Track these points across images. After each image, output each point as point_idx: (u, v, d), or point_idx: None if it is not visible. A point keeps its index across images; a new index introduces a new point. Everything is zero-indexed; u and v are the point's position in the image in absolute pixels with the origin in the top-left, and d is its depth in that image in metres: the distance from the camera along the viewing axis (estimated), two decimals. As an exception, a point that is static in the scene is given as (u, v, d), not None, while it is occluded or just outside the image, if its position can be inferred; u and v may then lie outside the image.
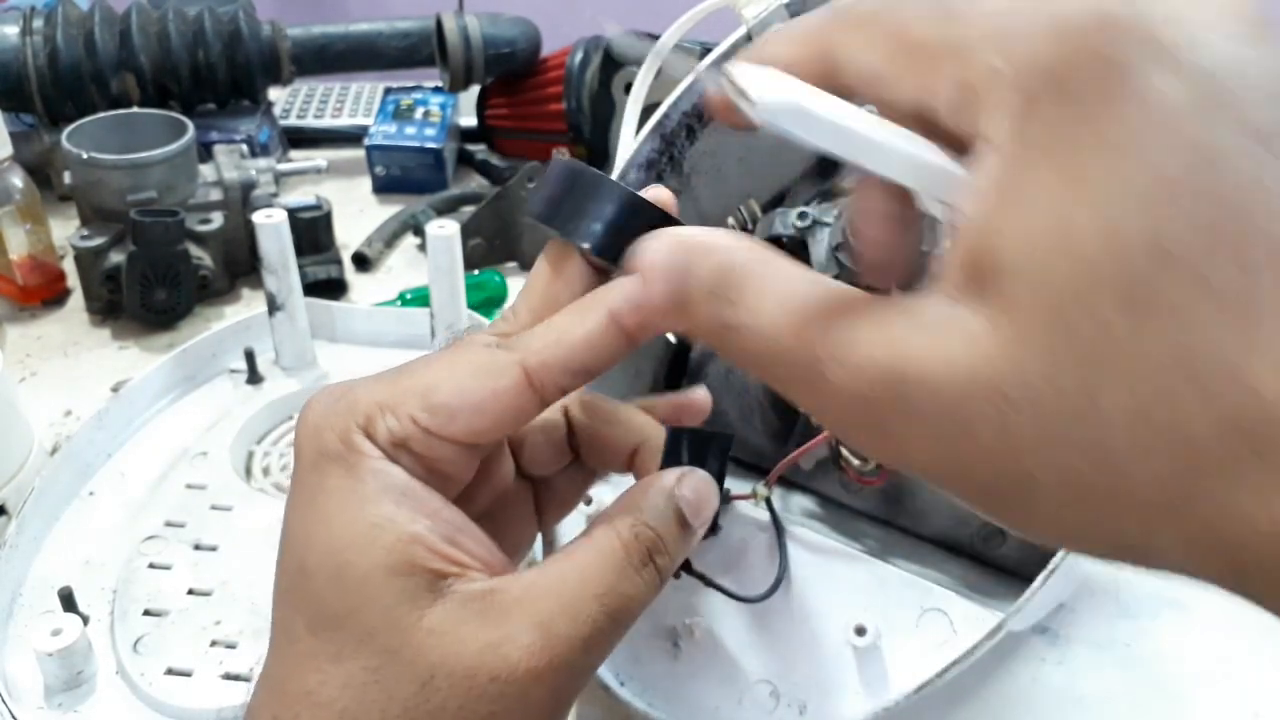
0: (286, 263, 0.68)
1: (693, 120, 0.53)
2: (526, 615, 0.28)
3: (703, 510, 0.31)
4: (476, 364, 0.30)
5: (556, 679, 0.28)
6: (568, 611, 0.29)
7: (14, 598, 0.55)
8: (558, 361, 0.29)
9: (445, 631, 0.28)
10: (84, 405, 0.72)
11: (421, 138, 1.01)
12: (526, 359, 0.29)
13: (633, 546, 0.30)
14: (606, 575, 0.29)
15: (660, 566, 0.30)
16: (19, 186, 0.80)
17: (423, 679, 0.28)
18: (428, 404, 0.29)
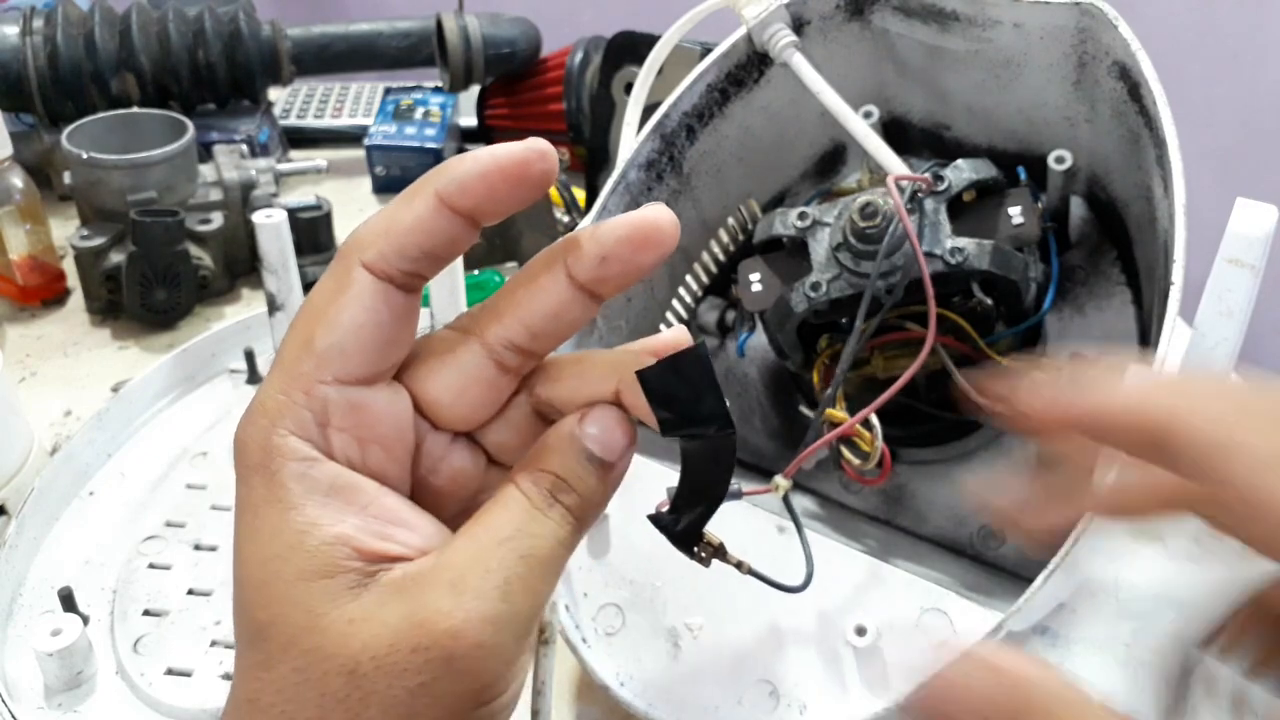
0: (286, 263, 0.68)
1: (693, 120, 0.53)
2: (439, 579, 0.28)
3: (611, 440, 0.30)
4: (326, 290, 0.29)
5: (476, 633, 0.28)
6: (476, 564, 0.28)
7: (14, 598, 0.55)
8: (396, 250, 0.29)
9: (366, 618, 0.28)
10: (84, 405, 0.72)
11: (421, 138, 1.01)
12: (364, 256, 0.29)
13: (532, 490, 0.30)
14: (509, 519, 0.29)
15: (569, 505, 0.30)
16: (19, 186, 0.80)
17: (349, 669, 0.27)
18: (315, 357, 0.29)
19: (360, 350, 0.29)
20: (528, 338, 0.30)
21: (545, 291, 0.30)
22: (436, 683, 0.28)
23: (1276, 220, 0.39)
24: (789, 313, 0.49)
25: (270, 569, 0.28)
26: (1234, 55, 1.47)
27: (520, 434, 0.33)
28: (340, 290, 0.29)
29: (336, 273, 0.29)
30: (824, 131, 0.57)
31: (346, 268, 0.29)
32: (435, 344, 0.31)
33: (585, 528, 0.30)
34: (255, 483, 0.29)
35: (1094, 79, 0.49)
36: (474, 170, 0.29)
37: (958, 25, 0.51)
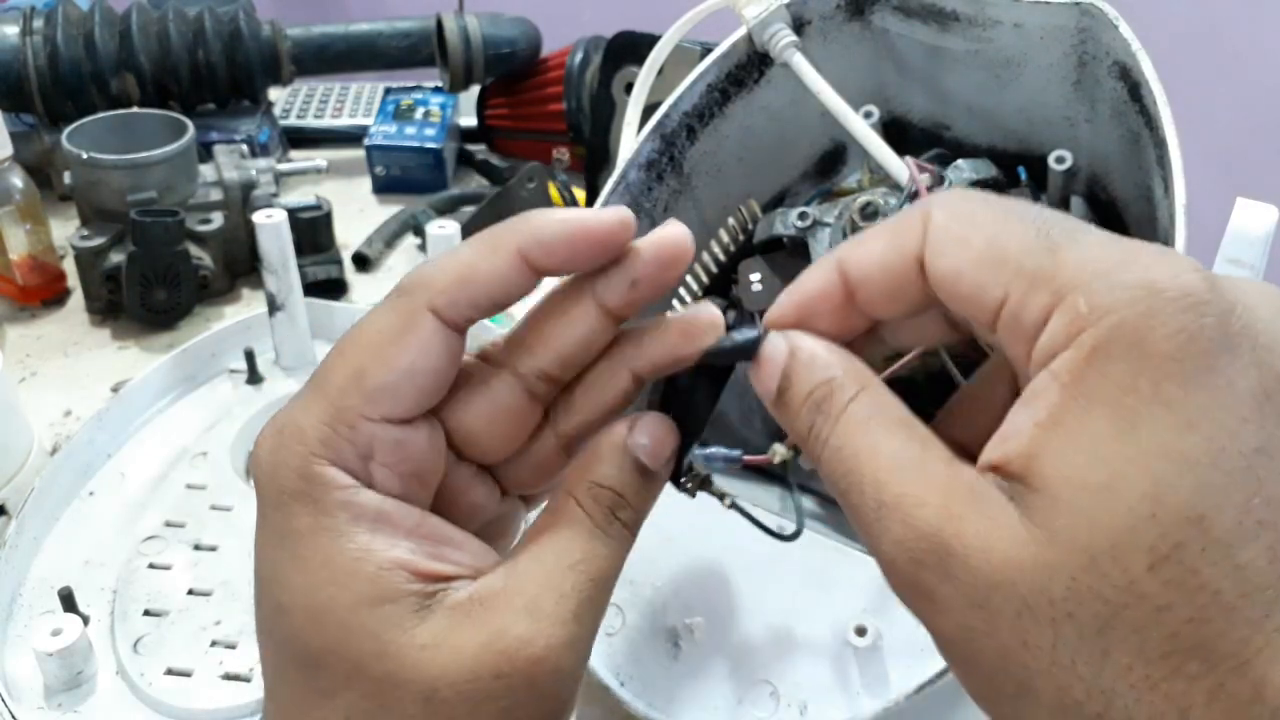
0: (286, 263, 0.68)
1: (693, 120, 0.53)
2: (512, 604, 0.28)
3: (661, 451, 0.31)
4: (386, 328, 0.29)
5: (557, 658, 0.28)
6: (550, 589, 0.28)
7: (14, 598, 0.55)
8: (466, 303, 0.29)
9: (439, 644, 0.27)
10: (84, 405, 0.72)
11: (421, 138, 1.01)
12: (434, 301, 0.29)
13: (594, 509, 0.30)
14: (577, 543, 0.29)
15: (626, 521, 0.30)
16: (19, 186, 0.80)
17: (426, 695, 0.27)
18: (365, 393, 0.29)
19: (414, 393, 0.29)
20: (560, 367, 0.31)
21: (576, 322, 0.30)
22: (519, 707, 0.28)
23: (1276, 220, 0.39)
24: (789, 313, 0.49)
25: (324, 596, 0.28)
26: (1234, 55, 1.48)
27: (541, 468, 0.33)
28: (403, 331, 0.29)
29: (400, 310, 0.29)
30: (824, 131, 0.57)
31: (411, 309, 0.29)
32: (469, 377, 0.31)
33: (636, 538, 0.31)
34: (296, 510, 0.28)
35: (1094, 79, 0.49)
36: (561, 234, 0.29)
37: (958, 25, 0.51)
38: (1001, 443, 0.23)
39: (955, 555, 0.22)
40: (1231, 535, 0.20)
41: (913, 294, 0.26)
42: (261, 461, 0.29)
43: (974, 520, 0.22)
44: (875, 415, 0.25)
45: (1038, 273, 0.23)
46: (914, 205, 0.26)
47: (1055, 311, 0.22)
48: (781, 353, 0.27)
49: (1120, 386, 0.21)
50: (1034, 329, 0.23)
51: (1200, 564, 0.20)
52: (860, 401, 0.25)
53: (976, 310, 0.24)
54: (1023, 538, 0.21)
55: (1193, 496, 0.20)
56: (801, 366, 0.27)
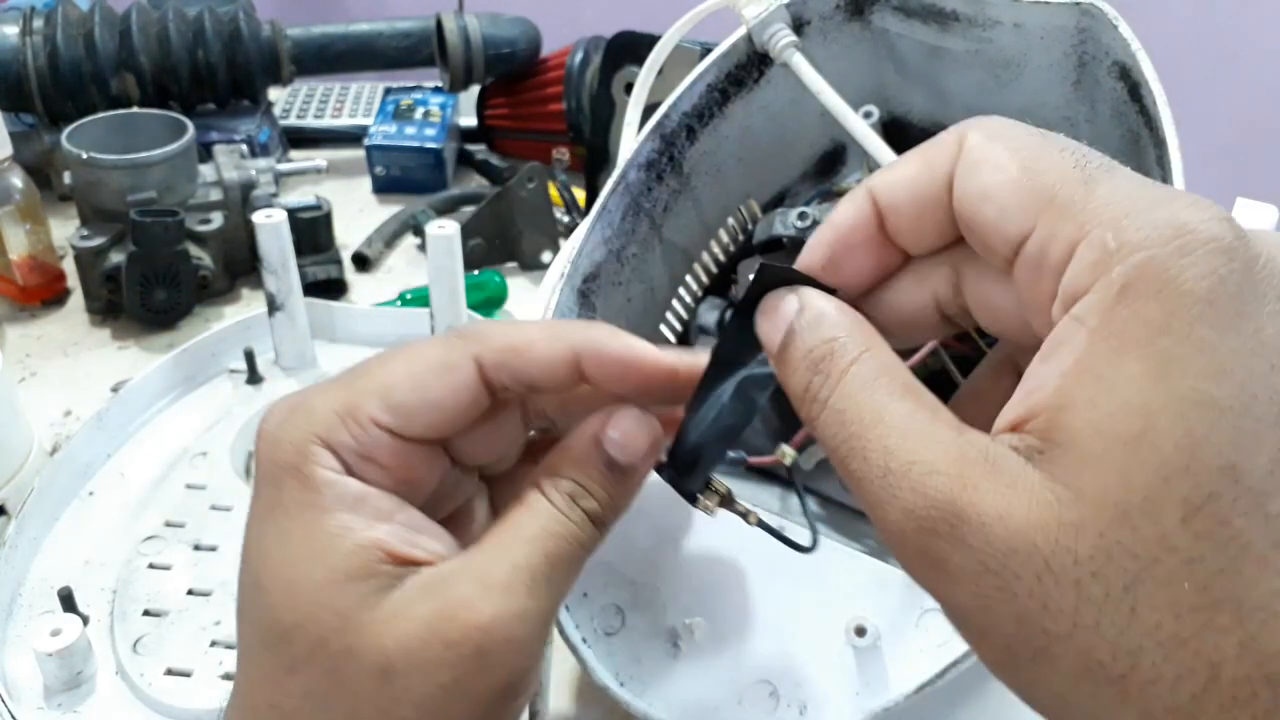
0: (286, 263, 0.68)
1: (693, 120, 0.53)
2: (465, 576, 0.29)
3: (634, 447, 0.31)
4: (432, 359, 0.30)
5: (506, 627, 0.28)
6: (501, 561, 0.29)
7: (14, 598, 0.55)
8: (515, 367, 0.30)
9: (396, 615, 0.28)
10: (84, 405, 0.72)
11: (421, 138, 1.01)
12: (483, 354, 0.30)
13: (554, 495, 0.30)
14: (534, 521, 0.30)
15: (589, 509, 0.30)
16: (19, 186, 0.80)
17: (381, 667, 0.28)
18: (387, 403, 0.29)
19: (430, 423, 0.30)
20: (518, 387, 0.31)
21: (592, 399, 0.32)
22: (468, 678, 0.28)
23: (1276, 220, 0.39)
24: (789, 313, 0.49)
25: (300, 570, 0.29)
26: (1234, 55, 1.48)
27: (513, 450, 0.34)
28: (444, 368, 0.30)
29: (449, 348, 0.30)
30: (824, 131, 0.57)
31: (459, 352, 0.30)
32: None
33: (606, 530, 0.31)
34: (288, 483, 0.29)
35: (1094, 79, 0.49)
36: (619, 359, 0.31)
37: (958, 25, 0.52)
38: (1024, 399, 0.22)
39: (970, 522, 0.21)
40: (1263, 485, 0.19)
41: (942, 221, 0.25)
42: (265, 435, 0.30)
43: (989, 486, 0.21)
44: (881, 378, 0.24)
45: (1069, 204, 0.22)
46: (951, 128, 0.25)
47: (1080, 246, 0.22)
48: (790, 306, 0.27)
49: (1152, 327, 0.20)
50: (1058, 264, 0.22)
51: (1232, 515, 0.19)
52: (864, 363, 0.25)
53: (997, 239, 0.24)
54: (1044, 499, 0.21)
55: (1226, 446, 0.19)
56: (806, 322, 0.26)
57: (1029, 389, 0.22)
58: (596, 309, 0.50)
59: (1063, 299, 0.22)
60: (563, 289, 0.48)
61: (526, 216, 0.87)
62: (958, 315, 0.28)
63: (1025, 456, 0.21)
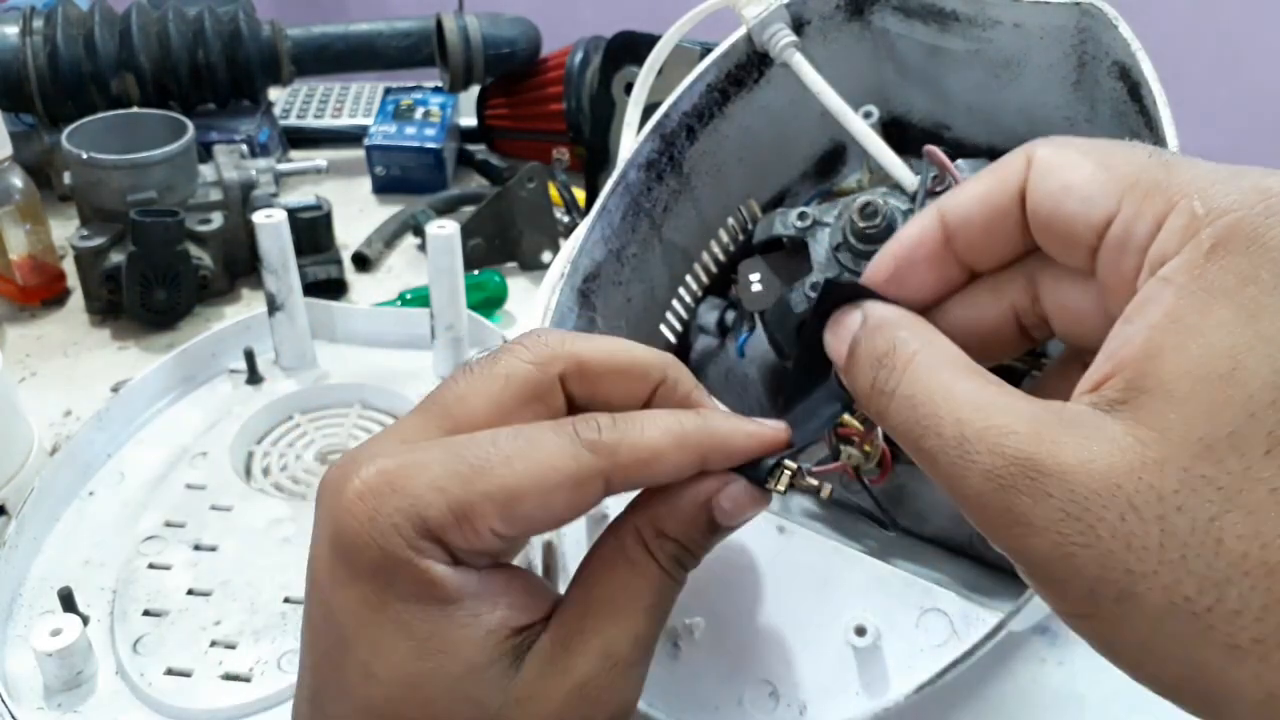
0: (286, 263, 0.68)
1: (693, 120, 0.53)
2: (590, 649, 0.29)
3: (739, 515, 0.32)
4: (562, 473, 0.28)
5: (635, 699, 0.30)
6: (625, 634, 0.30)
7: (14, 598, 0.55)
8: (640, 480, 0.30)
9: (531, 696, 0.29)
10: (84, 405, 0.72)
11: (421, 138, 1.01)
12: (613, 476, 0.29)
13: (663, 557, 0.31)
14: (649, 588, 0.31)
15: (687, 568, 0.32)
16: (19, 186, 0.80)
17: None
18: (508, 516, 0.28)
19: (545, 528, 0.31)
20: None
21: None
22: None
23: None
24: (789, 313, 0.49)
25: (430, 665, 0.28)
26: (1234, 55, 1.48)
27: None
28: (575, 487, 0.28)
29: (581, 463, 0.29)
30: (824, 131, 0.57)
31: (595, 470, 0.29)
32: None
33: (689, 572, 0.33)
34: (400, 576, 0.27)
35: (1094, 79, 0.49)
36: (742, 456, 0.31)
37: (958, 25, 0.51)
38: (1108, 358, 0.22)
39: (1051, 474, 0.21)
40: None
41: (1011, 233, 0.26)
42: (360, 513, 0.27)
43: (1069, 440, 0.22)
44: (946, 362, 0.25)
45: (1153, 184, 0.23)
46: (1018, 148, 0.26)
47: (1169, 217, 0.22)
48: (854, 319, 0.28)
49: (1241, 278, 0.21)
50: (1146, 239, 0.23)
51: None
52: (927, 352, 0.25)
53: (1082, 229, 0.24)
54: (1126, 444, 0.21)
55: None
56: (869, 329, 0.27)
57: (1111, 350, 0.22)
58: (596, 309, 0.50)
59: (1149, 267, 0.23)
60: (563, 289, 0.48)
61: (526, 216, 0.87)
62: (1035, 326, 0.28)
63: (1105, 410, 0.22)
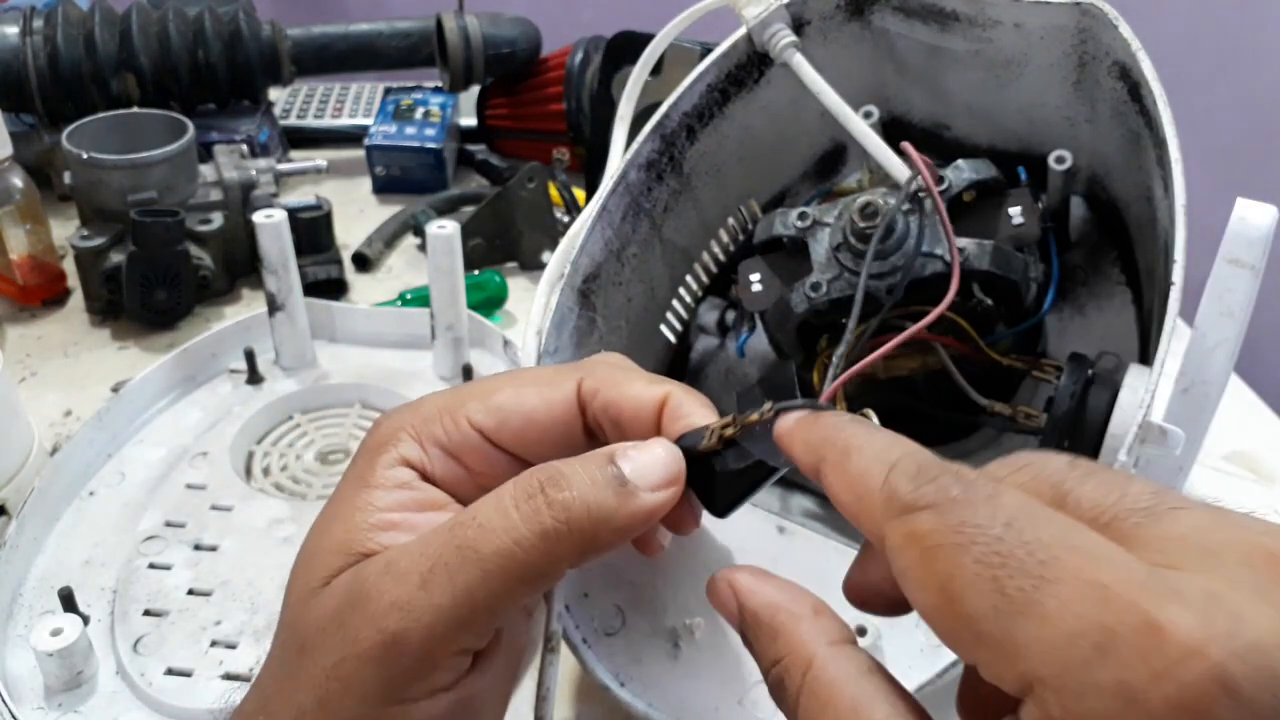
0: (286, 263, 0.68)
1: (693, 120, 0.53)
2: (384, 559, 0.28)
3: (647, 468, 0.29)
4: (538, 376, 0.32)
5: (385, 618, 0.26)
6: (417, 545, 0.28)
7: (14, 598, 0.55)
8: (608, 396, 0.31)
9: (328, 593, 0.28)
10: (84, 405, 0.72)
11: (421, 138, 1.01)
12: (584, 380, 0.32)
13: (523, 480, 0.28)
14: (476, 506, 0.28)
15: (555, 500, 0.27)
16: (19, 186, 0.80)
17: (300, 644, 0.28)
18: (486, 405, 0.31)
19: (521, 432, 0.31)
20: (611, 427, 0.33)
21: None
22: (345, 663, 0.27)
23: (1276, 220, 0.39)
24: (789, 313, 0.49)
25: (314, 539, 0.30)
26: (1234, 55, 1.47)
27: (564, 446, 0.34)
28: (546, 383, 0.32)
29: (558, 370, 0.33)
30: (824, 131, 0.57)
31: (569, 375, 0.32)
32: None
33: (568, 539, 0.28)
34: (359, 461, 0.31)
35: (1094, 79, 0.49)
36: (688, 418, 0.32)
37: (958, 25, 0.51)
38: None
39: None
40: None
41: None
42: (379, 424, 0.32)
43: None
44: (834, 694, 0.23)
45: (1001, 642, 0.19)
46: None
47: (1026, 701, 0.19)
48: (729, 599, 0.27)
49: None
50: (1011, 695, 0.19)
51: None
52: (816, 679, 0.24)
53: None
54: None
55: None
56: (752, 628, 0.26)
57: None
58: (596, 309, 0.50)
59: None
60: (563, 289, 0.48)
61: (526, 216, 0.87)
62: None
63: None
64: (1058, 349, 0.53)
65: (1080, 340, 0.53)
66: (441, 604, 0.26)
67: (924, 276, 0.46)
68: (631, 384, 0.32)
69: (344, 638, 0.27)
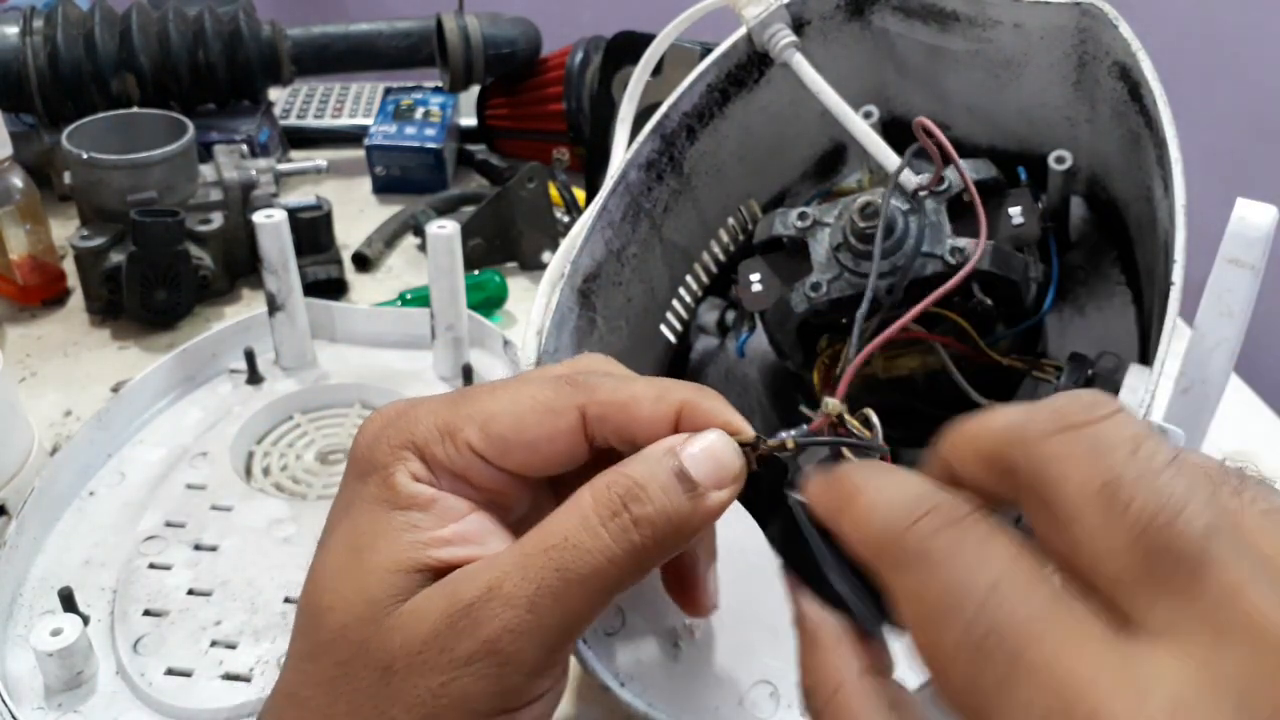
0: (286, 263, 0.68)
1: (693, 120, 0.53)
2: (480, 581, 0.28)
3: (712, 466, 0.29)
4: (538, 399, 0.30)
5: (499, 641, 0.27)
6: (515, 570, 0.28)
7: (14, 598, 0.55)
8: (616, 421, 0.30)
9: (412, 613, 0.28)
10: (84, 405, 0.72)
11: (421, 138, 1.01)
12: (587, 405, 0.30)
13: (600, 497, 0.28)
14: (561, 529, 0.28)
15: (638, 517, 0.28)
16: (19, 186, 0.80)
17: (384, 664, 0.28)
18: (485, 432, 0.30)
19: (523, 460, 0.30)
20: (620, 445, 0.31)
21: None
22: (454, 683, 0.27)
23: (1276, 220, 0.39)
24: (789, 313, 0.49)
25: (355, 557, 0.29)
26: (1234, 55, 1.47)
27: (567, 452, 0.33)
28: (547, 412, 0.30)
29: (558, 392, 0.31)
30: (824, 131, 0.57)
31: (570, 400, 0.30)
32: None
33: (654, 551, 0.28)
34: (372, 480, 0.30)
35: (1094, 79, 0.49)
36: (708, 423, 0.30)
37: (958, 25, 0.51)
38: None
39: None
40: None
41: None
42: (367, 433, 0.31)
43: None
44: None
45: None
46: None
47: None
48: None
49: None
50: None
51: None
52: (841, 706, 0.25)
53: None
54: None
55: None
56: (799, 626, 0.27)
57: None
58: (596, 309, 0.50)
59: None
60: (563, 289, 0.48)
61: (526, 216, 0.87)
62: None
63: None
64: (1058, 349, 0.53)
65: (1080, 340, 0.53)
66: (550, 625, 0.28)
67: (924, 276, 0.47)
68: (640, 406, 0.30)
69: (451, 659, 0.27)
